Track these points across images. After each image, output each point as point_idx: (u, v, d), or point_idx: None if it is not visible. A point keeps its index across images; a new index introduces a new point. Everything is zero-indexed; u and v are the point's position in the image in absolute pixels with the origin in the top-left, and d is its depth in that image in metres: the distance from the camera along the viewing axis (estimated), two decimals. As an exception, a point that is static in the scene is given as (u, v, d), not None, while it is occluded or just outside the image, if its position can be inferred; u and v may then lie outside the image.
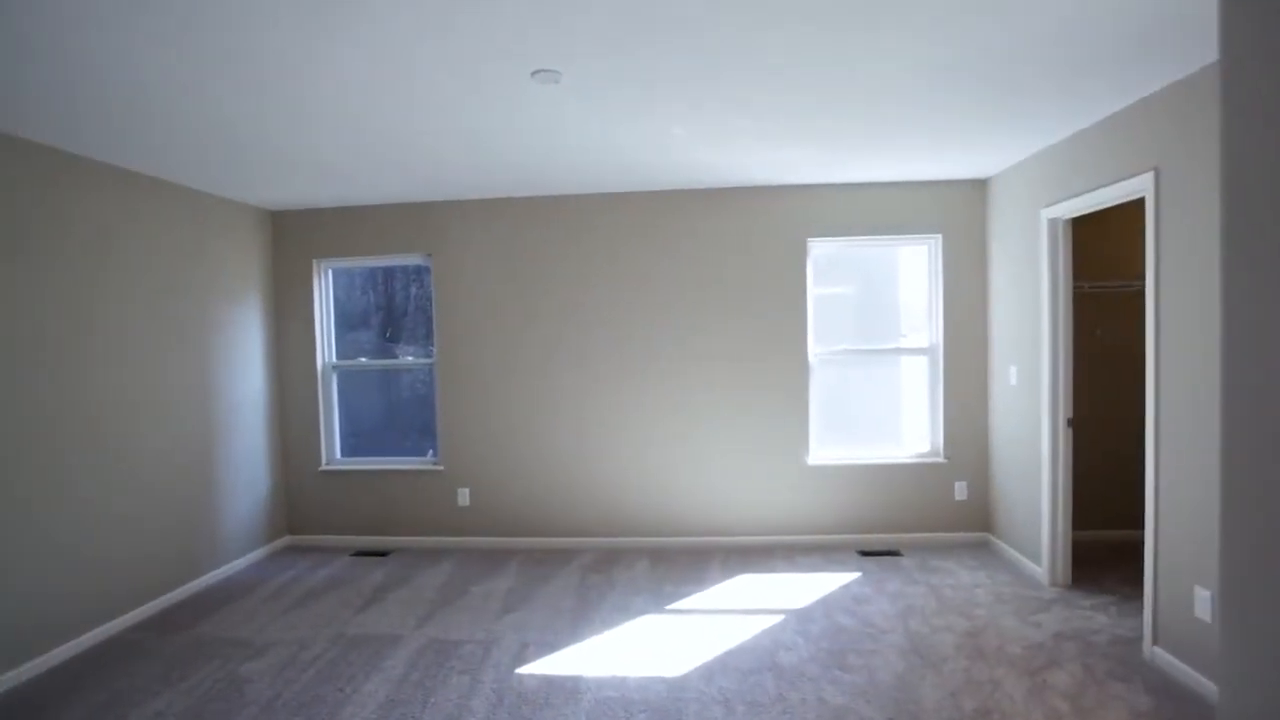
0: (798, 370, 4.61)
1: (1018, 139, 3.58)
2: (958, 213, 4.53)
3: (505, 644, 3.27)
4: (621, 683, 2.88)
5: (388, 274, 5.17)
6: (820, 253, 4.69)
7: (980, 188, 4.52)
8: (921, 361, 4.70)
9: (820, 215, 4.57)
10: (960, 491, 4.58)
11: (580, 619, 3.54)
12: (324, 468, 4.93)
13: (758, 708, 2.67)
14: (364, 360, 5.07)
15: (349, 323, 5.20)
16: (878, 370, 4.83)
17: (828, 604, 3.64)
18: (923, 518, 4.59)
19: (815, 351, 4.67)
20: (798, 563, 4.30)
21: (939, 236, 4.56)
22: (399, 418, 5.22)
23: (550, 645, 3.25)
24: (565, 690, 2.83)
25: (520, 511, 4.78)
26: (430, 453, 4.92)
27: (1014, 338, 4.15)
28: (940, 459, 4.59)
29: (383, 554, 4.70)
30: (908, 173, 4.30)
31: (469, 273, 4.78)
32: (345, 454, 5.06)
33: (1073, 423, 3.72)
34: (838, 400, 4.75)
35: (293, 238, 4.90)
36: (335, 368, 5.03)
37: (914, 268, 4.74)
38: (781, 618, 3.49)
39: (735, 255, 4.62)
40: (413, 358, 5.05)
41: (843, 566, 4.21)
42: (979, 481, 4.57)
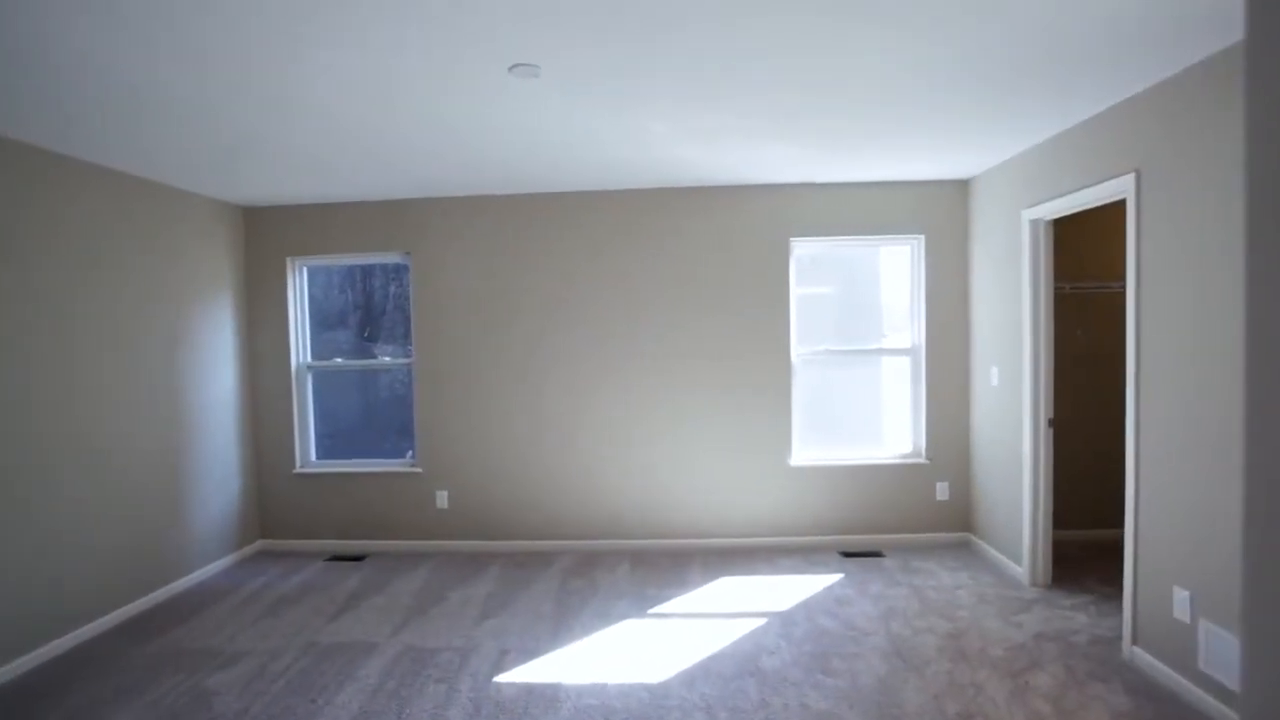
0: (780, 370, 4.59)
1: (1000, 139, 3.58)
2: (940, 213, 4.54)
3: (484, 651, 3.20)
4: (602, 690, 2.83)
5: (366, 272, 5.06)
6: (803, 252, 4.67)
7: (962, 188, 4.53)
8: (904, 362, 4.70)
9: (803, 215, 4.55)
10: (942, 492, 4.59)
11: (561, 624, 3.48)
12: (298, 470, 4.82)
13: (740, 714, 2.63)
14: (340, 360, 4.96)
15: (326, 322, 5.09)
16: (860, 371, 4.82)
17: (810, 606, 3.61)
18: (904, 518, 4.59)
19: (798, 352, 4.65)
20: (780, 564, 4.27)
21: (921, 237, 4.56)
22: (377, 418, 5.11)
23: (530, 652, 3.18)
24: (544, 699, 2.77)
25: (500, 514, 4.71)
26: (409, 454, 4.83)
27: (995, 338, 4.16)
28: (922, 459, 4.60)
29: (359, 559, 4.60)
30: (890, 173, 4.29)
31: (448, 271, 4.69)
32: (321, 456, 4.95)
33: (1054, 423, 3.73)
34: (820, 401, 4.74)
35: (266, 235, 4.78)
36: (310, 368, 4.91)
37: (896, 268, 4.73)
38: (764, 621, 3.46)
39: (718, 254, 4.58)
40: (390, 358, 4.95)
41: (825, 568, 4.19)
42: (960, 482, 4.58)
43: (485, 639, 3.33)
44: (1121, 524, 3.06)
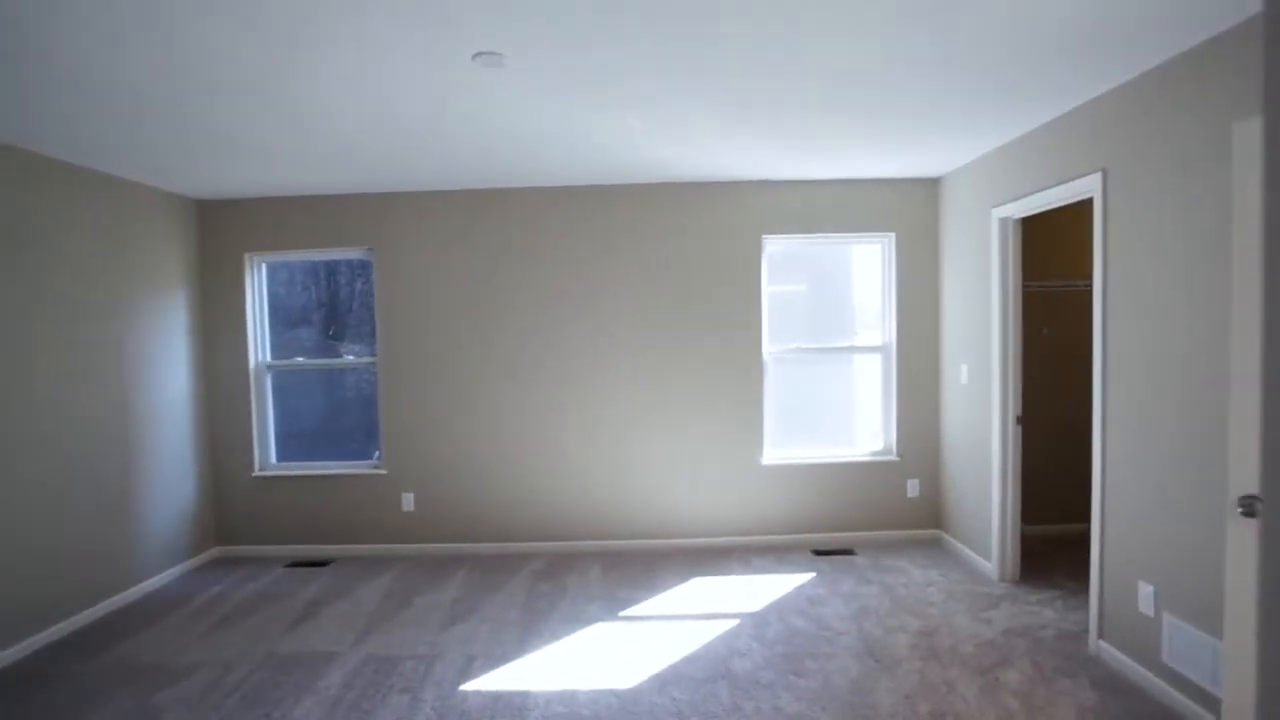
0: (752, 368, 4.56)
1: (970, 138, 3.58)
2: (911, 211, 4.55)
3: (449, 659, 3.11)
4: (571, 697, 2.76)
5: (331, 268, 4.90)
6: (775, 250, 4.65)
7: (933, 187, 4.54)
8: (875, 360, 4.71)
9: (775, 212, 4.52)
10: (913, 489, 4.61)
11: (530, 629, 3.40)
12: (257, 473, 4.64)
13: (712, 719, 2.59)
14: (301, 359, 4.79)
15: (289, 319, 4.91)
16: (831, 368, 4.82)
17: (782, 607, 3.59)
18: (876, 516, 4.60)
19: (770, 349, 4.62)
20: (752, 564, 4.24)
21: (892, 235, 4.57)
22: (344, 419, 4.95)
23: (498, 659, 3.10)
24: (512, 707, 2.69)
25: (468, 516, 4.60)
26: (376, 455, 4.69)
27: (965, 336, 4.18)
28: (893, 457, 4.61)
29: (321, 564, 4.45)
30: (861, 170, 4.29)
31: (413, 267, 4.56)
32: (282, 458, 4.78)
33: (1021, 420, 3.76)
34: (792, 399, 4.72)
35: (222, 230, 4.59)
36: (270, 367, 4.74)
37: (868, 266, 4.74)
38: (736, 622, 3.42)
39: (690, 251, 4.53)
40: (356, 356, 4.80)
41: (797, 567, 4.17)
42: (931, 479, 4.61)
43: (451, 646, 3.24)
44: (1088, 518, 3.09)
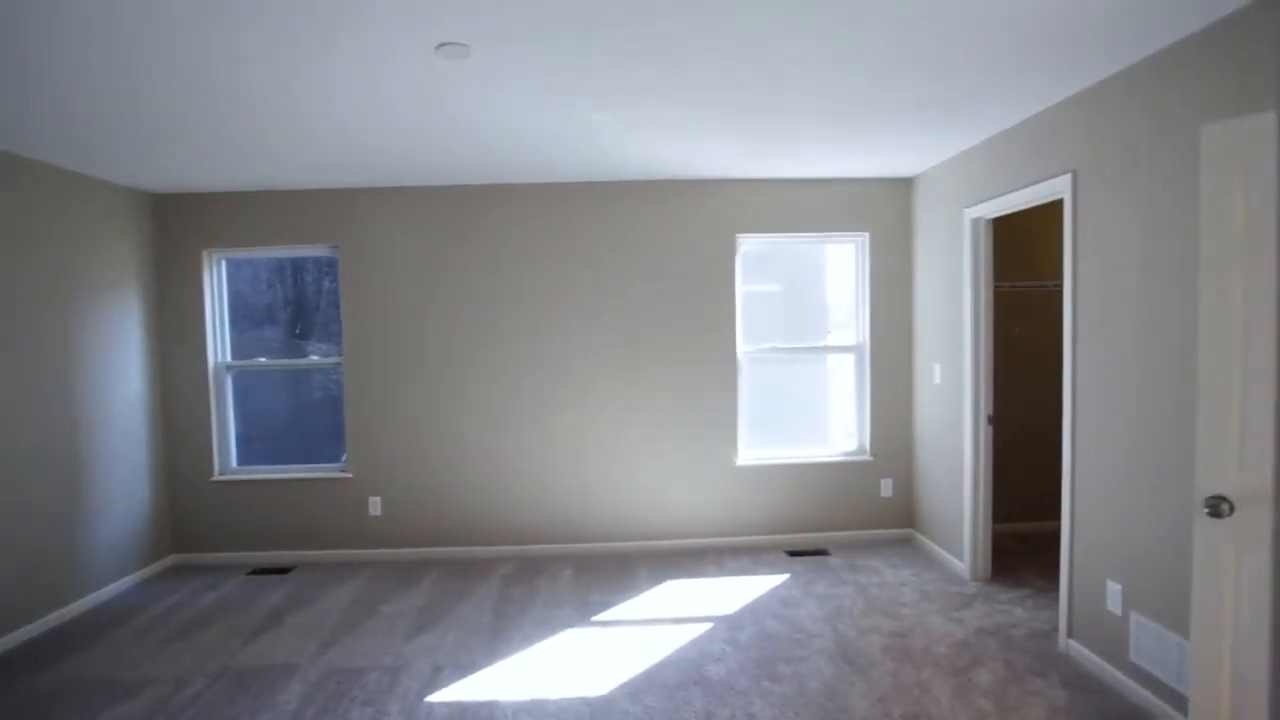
0: (727, 368, 4.53)
1: (942, 138, 3.58)
2: (884, 211, 4.55)
3: (415, 669, 3.01)
4: (541, 707, 2.68)
5: (298, 265, 4.75)
6: (749, 249, 4.62)
7: (906, 186, 4.55)
8: (848, 359, 4.71)
9: (749, 211, 4.49)
10: (886, 489, 4.61)
11: (499, 636, 3.32)
12: (217, 478, 4.48)
13: (684, 727, 2.54)
14: (263, 360, 4.64)
15: (253, 318, 4.75)
16: (805, 368, 4.81)
17: (756, 609, 3.55)
18: (850, 516, 4.60)
19: (744, 349, 4.59)
20: (726, 565, 4.21)
21: (866, 234, 4.57)
22: (309, 421, 4.80)
23: (465, 668, 3.01)
24: (479, 718, 2.61)
25: (437, 520, 4.50)
26: (343, 458, 4.56)
27: (938, 336, 4.19)
28: (867, 457, 4.61)
29: (284, 570, 4.31)
30: (835, 170, 4.27)
31: (378, 265, 4.44)
32: (243, 462, 4.62)
33: (993, 420, 3.78)
34: (766, 399, 4.70)
35: (179, 225, 4.42)
36: (230, 368, 4.58)
37: (841, 265, 4.73)
38: (710, 625, 3.38)
39: (663, 250, 4.48)
40: (319, 356, 4.66)
41: (771, 568, 4.15)
42: (904, 479, 4.62)
43: (417, 655, 3.14)
44: (1058, 515, 3.10)
